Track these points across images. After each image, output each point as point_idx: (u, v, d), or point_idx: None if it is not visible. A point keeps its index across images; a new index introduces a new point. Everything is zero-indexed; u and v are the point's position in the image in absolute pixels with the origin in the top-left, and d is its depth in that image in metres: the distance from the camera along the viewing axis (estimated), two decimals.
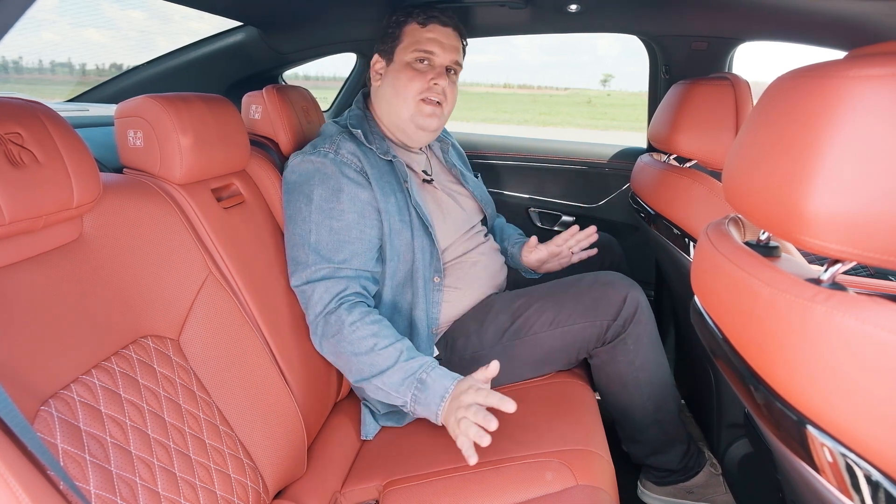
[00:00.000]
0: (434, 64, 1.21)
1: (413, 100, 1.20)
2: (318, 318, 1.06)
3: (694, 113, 1.14)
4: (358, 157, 1.14)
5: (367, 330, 1.03)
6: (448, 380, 0.99)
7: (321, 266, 1.07)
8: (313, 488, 1.00)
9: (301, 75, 2.52)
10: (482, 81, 64.73)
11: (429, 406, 0.98)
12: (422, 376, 0.99)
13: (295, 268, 1.10)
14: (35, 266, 0.68)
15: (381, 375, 1.02)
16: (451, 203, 1.31)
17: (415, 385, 0.99)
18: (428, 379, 0.99)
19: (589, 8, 1.52)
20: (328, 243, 1.08)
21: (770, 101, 0.53)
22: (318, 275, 1.07)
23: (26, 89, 3.72)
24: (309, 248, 1.08)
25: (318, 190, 1.10)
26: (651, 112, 1.82)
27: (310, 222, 1.09)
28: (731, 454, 1.26)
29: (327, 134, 1.20)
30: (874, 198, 0.41)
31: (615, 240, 1.57)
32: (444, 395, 0.97)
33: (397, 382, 1.00)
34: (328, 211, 1.09)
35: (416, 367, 1.01)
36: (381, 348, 1.02)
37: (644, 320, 1.18)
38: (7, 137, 0.62)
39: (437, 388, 0.98)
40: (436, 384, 0.98)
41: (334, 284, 1.06)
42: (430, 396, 0.98)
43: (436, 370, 1.01)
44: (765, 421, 0.54)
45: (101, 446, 0.64)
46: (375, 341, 1.03)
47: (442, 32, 1.21)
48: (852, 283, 1.18)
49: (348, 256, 1.09)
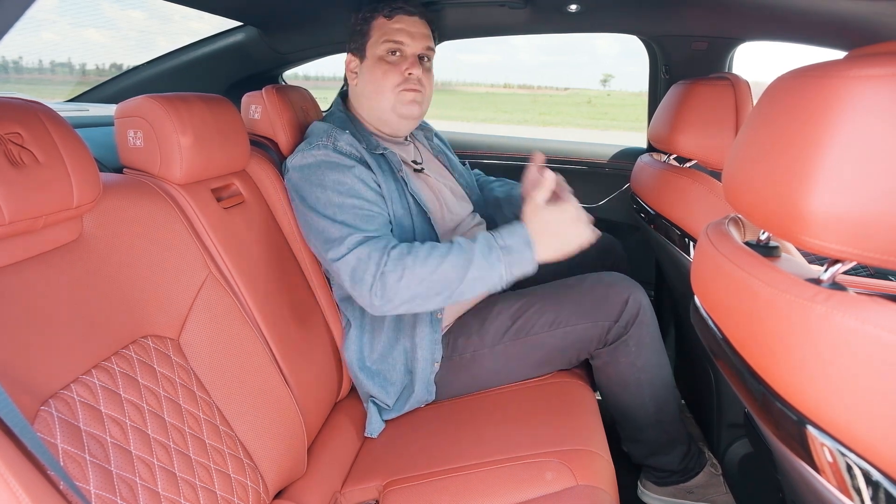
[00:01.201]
0: (406, 54, 1.21)
1: (391, 91, 1.20)
2: (376, 280, 1.02)
3: (694, 113, 1.14)
4: (355, 148, 1.15)
5: (423, 250, 1.02)
6: (519, 228, 1.01)
7: (356, 235, 1.05)
8: (313, 488, 1.00)
9: (301, 75, 2.52)
10: (482, 81, 64.78)
11: (524, 260, 1.00)
12: (500, 243, 1.01)
13: (330, 244, 1.07)
14: (35, 266, 0.68)
15: (470, 269, 1.00)
16: (446, 191, 1.31)
17: (501, 254, 1.00)
18: (506, 243, 1.01)
19: (589, 8, 1.52)
20: (355, 218, 1.08)
21: (770, 100, 0.53)
22: (355, 242, 1.04)
23: (26, 89, 3.72)
24: (338, 224, 1.07)
25: (329, 176, 1.10)
26: (651, 112, 1.82)
27: (332, 205, 1.08)
28: (731, 454, 1.26)
29: (319, 131, 1.19)
30: (874, 198, 0.41)
31: (617, 241, 1.57)
32: (529, 242, 1.00)
33: (487, 264, 1.00)
34: (346, 192, 1.09)
35: (488, 243, 1.01)
36: (447, 253, 1.01)
37: (646, 322, 1.18)
38: (7, 137, 0.62)
39: (519, 241, 1.00)
40: (514, 239, 1.01)
41: (375, 243, 1.04)
42: (519, 250, 1.00)
43: (503, 231, 1.02)
44: (765, 421, 0.54)
45: (101, 446, 0.64)
46: (440, 251, 1.01)
47: (409, 22, 1.21)
48: (852, 283, 1.18)
49: (378, 227, 1.08)
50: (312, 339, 1.15)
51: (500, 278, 1.01)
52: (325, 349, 1.19)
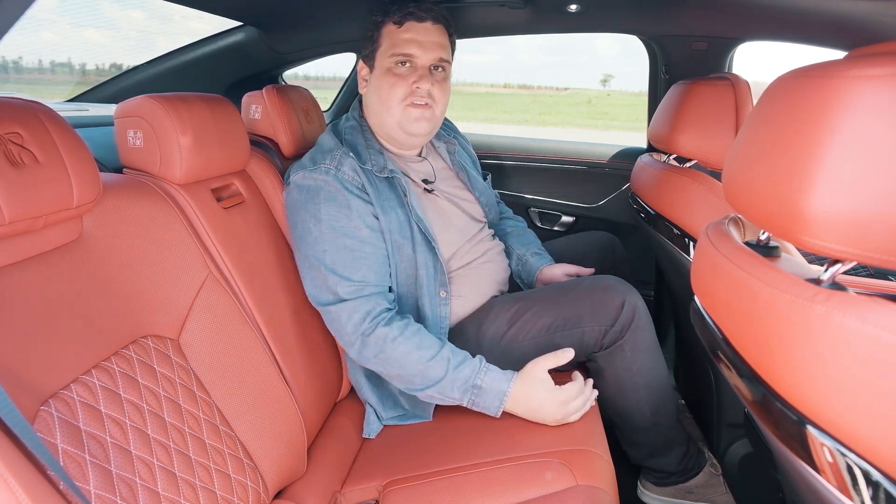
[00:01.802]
0: (416, 66, 1.15)
1: (398, 107, 1.15)
2: (356, 339, 1.06)
3: (694, 113, 1.14)
4: (358, 174, 1.12)
5: (409, 344, 1.05)
6: (503, 382, 1.05)
7: (343, 286, 1.05)
8: (313, 488, 1.00)
9: (301, 75, 2.52)
10: (482, 81, 64.73)
11: (488, 407, 1.06)
12: (476, 382, 1.04)
13: (315, 289, 1.09)
14: (35, 266, 0.68)
15: (433, 387, 1.05)
16: (455, 210, 1.28)
17: (471, 391, 1.05)
18: (483, 384, 1.05)
19: (589, 8, 1.52)
20: (344, 262, 1.06)
21: (770, 100, 0.53)
22: (342, 295, 1.06)
23: (26, 89, 3.72)
24: (326, 269, 1.06)
25: (325, 208, 1.08)
26: (651, 112, 1.82)
27: (322, 242, 1.07)
28: (731, 454, 1.26)
29: (326, 148, 1.16)
30: (874, 198, 0.41)
31: (617, 239, 1.56)
32: (502, 398, 1.04)
33: (451, 390, 1.05)
34: (339, 229, 1.07)
35: (468, 374, 1.05)
36: (427, 360, 1.04)
37: (642, 326, 1.16)
38: (7, 137, 0.62)
39: (494, 392, 1.05)
40: (492, 388, 1.05)
41: (362, 304, 1.05)
42: (488, 399, 1.05)
43: (489, 374, 1.05)
44: (765, 421, 0.54)
45: (101, 446, 0.64)
46: (420, 354, 1.04)
47: (420, 30, 1.14)
48: (852, 283, 1.18)
49: (367, 273, 1.07)
50: (312, 339, 1.15)
51: (455, 401, 1.07)
52: (325, 349, 1.19)
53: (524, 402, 1.05)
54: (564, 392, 1.05)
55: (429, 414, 1.19)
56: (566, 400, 1.04)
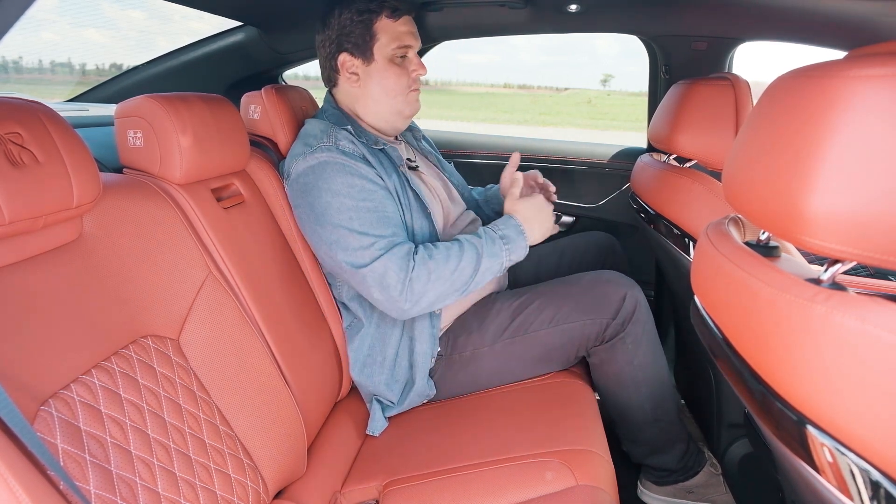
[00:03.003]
0: (410, 55, 1.23)
1: (402, 94, 1.23)
2: (405, 286, 1.06)
3: (694, 113, 1.14)
4: (356, 145, 1.15)
5: (441, 252, 1.10)
6: (510, 221, 1.16)
7: (377, 242, 1.07)
8: (313, 488, 1.00)
9: (301, 75, 2.51)
10: (482, 81, 64.79)
11: (521, 247, 1.15)
12: (500, 233, 1.14)
13: (351, 255, 1.08)
14: (35, 266, 0.68)
15: (482, 262, 1.11)
16: (438, 187, 1.32)
17: (502, 246, 1.13)
18: (503, 233, 1.14)
19: (589, 8, 1.52)
20: (372, 222, 1.08)
21: (770, 100, 0.53)
22: (379, 251, 1.07)
23: (26, 89, 3.71)
24: (357, 233, 1.07)
25: (338, 179, 1.09)
26: (651, 112, 1.81)
27: (346, 210, 1.08)
28: (731, 454, 1.26)
29: (316, 131, 1.18)
30: (874, 198, 0.41)
31: (616, 240, 1.57)
32: (519, 229, 1.15)
33: (492, 253, 1.12)
34: (357, 195, 1.09)
35: (484, 235, 1.13)
36: (461, 250, 1.10)
37: (643, 319, 1.18)
38: (7, 137, 0.62)
39: (513, 232, 1.14)
40: (510, 231, 1.14)
41: (398, 250, 1.07)
42: (517, 242, 1.14)
43: (497, 224, 1.16)
44: (765, 421, 0.54)
45: (101, 446, 0.64)
46: (453, 251, 1.10)
47: (410, 21, 1.22)
48: (852, 283, 1.18)
49: (394, 229, 1.10)
50: (312, 339, 1.15)
51: (501, 266, 1.14)
52: (325, 349, 1.19)
53: (531, 221, 1.16)
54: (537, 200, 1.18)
55: (432, 388, 1.22)
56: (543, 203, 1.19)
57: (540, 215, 1.17)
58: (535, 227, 1.17)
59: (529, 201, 1.18)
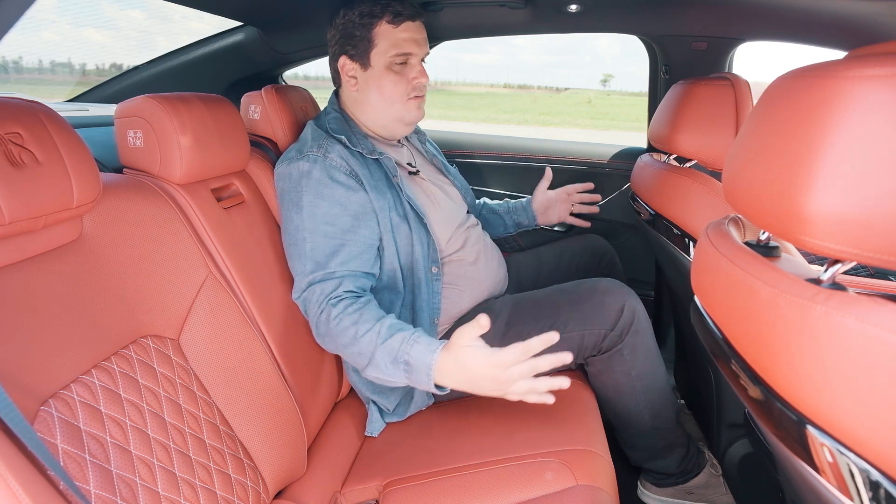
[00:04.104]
0: (412, 62, 1.20)
1: (401, 101, 1.20)
2: (317, 320, 1.05)
3: (694, 113, 1.14)
4: (346, 160, 1.13)
5: (348, 320, 0.99)
6: (428, 354, 0.92)
7: (317, 273, 1.06)
8: (313, 488, 1.00)
9: (301, 75, 2.52)
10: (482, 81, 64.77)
11: (421, 383, 0.94)
12: (405, 358, 0.94)
13: (294, 273, 1.09)
14: (35, 266, 0.68)
15: (370, 365, 0.97)
16: (440, 193, 1.30)
17: (402, 368, 0.94)
18: (411, 360, 0.93)
19: (589, 8, 1.52)
20: (323, 249, 1.07)
21: (770, 101, 0.53)
22: (314, 280, 1.06)
23: (26, 89, 3.72)
24: (305, 257, 1.07)
25: (306, 196, 1.08)
26: (651, 112, 1.81)
27: (303, 230, 1.07)
28: (731, 454, 1.26)
29: (312, 137, 1.17)
30: (874, 198, 0.41)
31: (609, 244, 1.57)
32: (429, 374, 0.92)
33: (386, 366, 0.96)
34: (320, 217, 1.08)
35: (396, 346, 0.94)
36: (361, 335, 0.97)
37: (641, 330, 1.17)
38: (7, 137, 0.62)
39: (422, 366, 0.92)
40: (419, 361, 0.92)
41: (327, 286, 1.05)
42: (419, 376, 0.93)
43: (416, 346, 0.93)
44: (765, 421, 0.54)
45: (101, 446, 0.64)
46: (356, 329, 0.98)
47: (413, 28, 1.18)
48: (852, 283, 1.18)
49: (345, 259, 1.07)
50: (312, 339, 1.15)
51: (396, 380, 0.97)
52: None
53: (457, 374, 0.90)
54: (500, 356, 0.87)
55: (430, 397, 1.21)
56: (503, 364, 0.87)
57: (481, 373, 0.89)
58: (460, 380, 0.92)
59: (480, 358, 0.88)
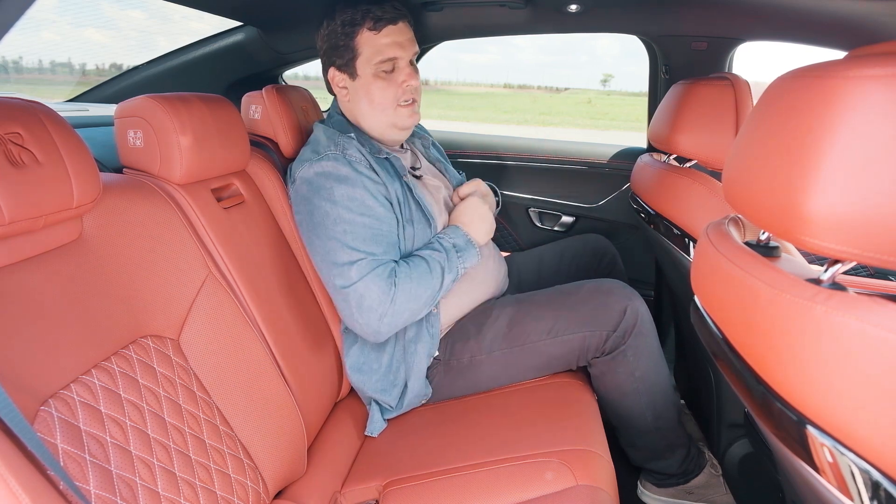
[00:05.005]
0: (399, 66, 1.18)
1: (391, 107, 1.19)
2: (388, 306, 1.07)
3: (694, 113, 1.14)
4: (363, 155, 1.14)
5: (415, 270, 1.11)
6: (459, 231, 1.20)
7: (365, 260, 1.07)
8: (313, 488, 1.00)
9: (301, 75, 2.51)
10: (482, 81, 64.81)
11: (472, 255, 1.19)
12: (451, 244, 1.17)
13: (339, 269, 1.08)
14: (35, 266, 0.68)
15: (446, 276, 1.14)
16: (442, 197, 1.31)
17: (456, 257, 1.16)
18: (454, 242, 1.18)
19: (589, 8, 1.52)
20: (365, 238, 1.08)
21: (770, 101, 0.53)
22: (366, 270, 1.07)
23: (26, 89, 3.71)
24: (348, 247, 1.07)
25: (338, 190, 1.09)
26: (651, 112, 1.82)
27: (342, 222, 1.08)
28: (731, 454, 1.26)
29: (326, 137, 1.17)
30: (874, 198, 0.41)
31: (610, 242, 1.57)
32: (467, 237, 1.20)
33: (453, 268, 1.16)
34: (356, 208, 1.09)
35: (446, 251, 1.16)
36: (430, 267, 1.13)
37: (644, 331, 1.16)
38: (7, 137, 0.62)
39: (462, 241, 1.19)
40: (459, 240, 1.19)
41: (382, 270, 1.08)
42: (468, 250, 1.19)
43: (449, 238, 1.19)
44: (765, 421, 0.54)
45: (101, 446, 0.64)
46: (424, 268, 1.12)
47: (396, 31, 1.16)
48: (852, 283, 1.18)
49: (386, 248, 1.10)
50: (312, 339, 1.15)
51: (457, 275, 1.17)
52: (324, 349, 1.19)
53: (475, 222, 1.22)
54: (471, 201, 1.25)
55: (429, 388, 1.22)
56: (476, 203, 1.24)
57: (477, 213, 1.23)
58: (478, 227, 1.22)
59: (463, 206, 1.24)
